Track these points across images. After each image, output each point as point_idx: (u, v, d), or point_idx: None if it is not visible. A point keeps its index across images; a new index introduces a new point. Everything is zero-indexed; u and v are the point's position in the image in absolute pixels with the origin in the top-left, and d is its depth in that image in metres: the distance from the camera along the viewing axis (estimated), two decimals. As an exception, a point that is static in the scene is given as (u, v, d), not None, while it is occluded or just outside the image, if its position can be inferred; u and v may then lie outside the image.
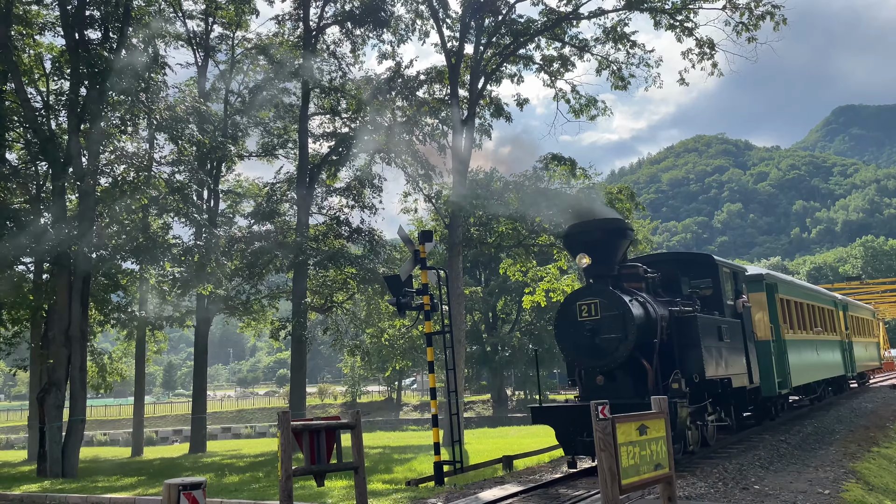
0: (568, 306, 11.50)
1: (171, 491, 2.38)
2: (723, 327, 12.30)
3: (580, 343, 11.11)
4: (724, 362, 12.06)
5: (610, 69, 25.47)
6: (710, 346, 11.54)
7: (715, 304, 13.21)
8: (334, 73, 26.00)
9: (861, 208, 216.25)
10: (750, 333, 14.30)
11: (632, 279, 11.92)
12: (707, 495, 9.05)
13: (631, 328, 10.71)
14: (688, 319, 11.49)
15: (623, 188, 26.94)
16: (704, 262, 14.05)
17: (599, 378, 11.09)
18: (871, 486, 10.50)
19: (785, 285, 18.05)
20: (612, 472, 5.53)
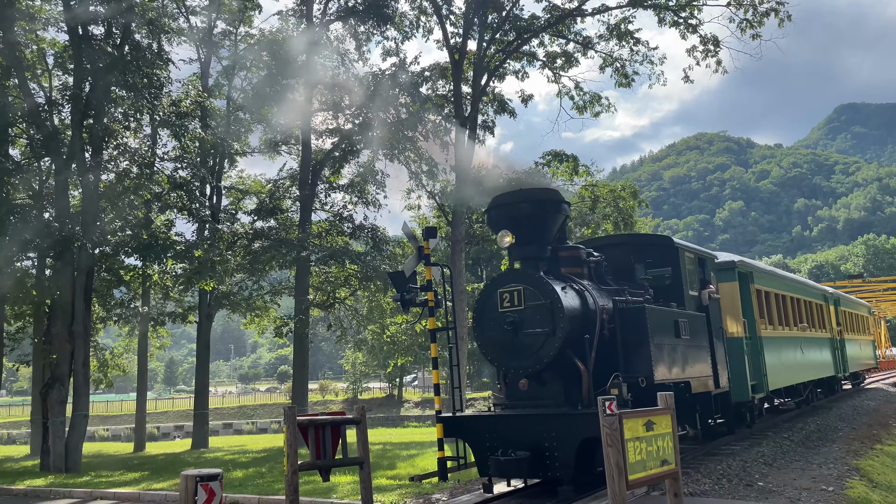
0: (488, 295, 9.49)
1: (188, 482, 2.39)
2: (681, 322, 10.37)
3: (500, 339, 9.22)
4: (682, 363, 10.25)
5: (614, 66, 25.45)
6: (663, 343, 9.71)
7: (674, 294, 11.27)
8: (338, 70, 25.99)
9: (863, 206, 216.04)
10: (718, 329, 12.40)
11: (571, 263, 10.09)
12: (711, 492, 9.07)
13: (561, 321, 8.79)
14: (634, 311, 9.59)
15: (626, 185, 26.91)
16: (662, 246, 11.98)
17: (523, 382, 9.19)
18: (874, 483, 10.52)
19: (763, 275, 16.20)
20: (619, 468, 5.54)
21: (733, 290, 13.95)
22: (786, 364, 16.22)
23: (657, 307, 10.14)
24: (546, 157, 25.54)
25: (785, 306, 17.25)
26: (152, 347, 29.98)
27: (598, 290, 9.99)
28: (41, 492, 12.82)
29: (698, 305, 11.95)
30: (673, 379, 9.87)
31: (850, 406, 20.28)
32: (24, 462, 21.04)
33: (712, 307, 12.30)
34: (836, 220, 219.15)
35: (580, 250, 10.33)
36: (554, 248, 10.07)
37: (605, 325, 9.41)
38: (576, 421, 8.39)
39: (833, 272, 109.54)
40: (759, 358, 14.36)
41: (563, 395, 9.14)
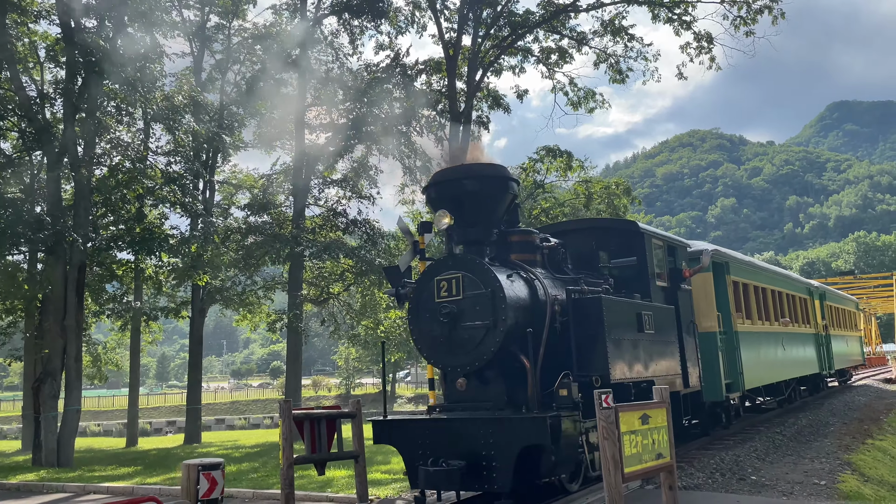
0: (424, 283, 8.48)
1: (190, 471, 2.38)
2: (644, 315, 9.40)
3: (436, 333, 8.20)
4: (645, 360, 9.30)
5: (608, 62, 25.48)
6: (622, 338, 8.79)
7: (639, 285, 10.35)
8: (332, 64, 25.91)
9: (854, 204, 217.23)
10: (688, 324, 11.38)
11: (522, 249, 9.16)
12: (705, 485, 9.11)
13: (503, 313, 7.81)
14: (589, 303, 8.57)
15: (620, 182, 26.98)
16: (627, 232, 10.96)
17: (460, 381, 8.15)
18: (866, 477, 10.59)
19: (740, 266, 15.15)
20: (615, 461, 5.57)
21: (707, 282, 12.90)
22: (765, 361, 15.27)
23: (616, 298, 9.21)
24: (540, 152, 25.57)
25: (765, 300, 16.29)
26: (144, 343, 29.88)
27: (553, 278, 9.11)
28: (34, 486, 12.77)
29: (667, 297, 10.94)
30: (633, 378, 8.91)
31: (840, 402, 20.41)
32: (16, 457, 20.96)
33: (683, 299, 11.28)
34: (827, 218, 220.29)
35: (533, 235, 9.40)
36: (503, 233, 9.15)
37: (557, 317, 8.38)
38: (514, 426, 7.33)
39: (824, 269, 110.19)
40: (734, 354, 13.35)
41: (507, 397, 8.12)
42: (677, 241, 12.13)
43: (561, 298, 8.60)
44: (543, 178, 26.48)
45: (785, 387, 17.39)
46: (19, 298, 22.28)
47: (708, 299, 12.85)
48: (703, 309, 12.57)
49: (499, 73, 26.34)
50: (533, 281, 8.61)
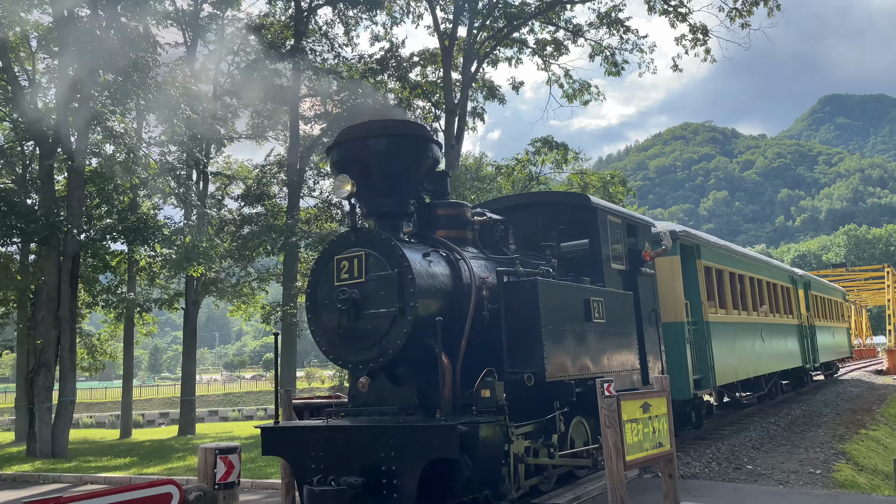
0: (323, 264, 7.24)
1: (207, 454, 2.39)
2: (594, 301, 8.17)
3: (334, 323, 6.96)
4: (594, 353, 8.08)
5: (603, 54, 25.46)
6: (564, 328, 7.56)
7: (589, 268, 9.07)
8: (326, 55, 25.80)
9: (845, 197, 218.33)
10: (650, 313, 10.08)
11: (449, 225, 7.95)
12: (702, 474, 9.18)
13: (413, 298, 6.61)
14: (522, 287, 7.35)
15: (615, 174, 27.00)
16: (577, 207, 9.67)
17: (362, 381, 6.96)
18: (860, 466, 10.69)
19: (713, 250, 13.82)
20: (616, 448, 5.59)
21: (673, 266, 11.57)
22: (741, 354, 14.00)
23: (556, 281, 7.94)
24: (535, 143, 25.55)
25: (742, 288, 15.08)
26: (139, 334, 29.78)
27: (486, 260, 7.95)
28: (29, 477, 12.74)
29: (626, 282, 9.71)
30: (578, 375, 7.66)
31: (833, 393, 20.58)
32: (10, 448, 20.88)
33: (644, 285, 10.02)
34: (818, 211, 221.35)
35: (463, 209, 8.21)
36: (428, 206, 8.01)
37: (486, 304, 7.18)
38: (417, 436, 6.06)
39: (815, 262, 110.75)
40: (705, 347, 12.07)
41: (418, 399, 6.83)
42: (639, 220, 10.72)
43: (491, 282, 7.35)
44: (539, 171, 26.47)
45: (765, 381, 16.25)
46: (12, 289, 22.18)
47: (675, 286, 11.52)
48: (668, 297, 11.28)
49: (495, 65, 26.29)
50: (458, 261, 7.40)
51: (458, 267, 7.38)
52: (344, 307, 6.79)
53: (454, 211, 8.13)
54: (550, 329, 7.27)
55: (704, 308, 12.33)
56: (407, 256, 6.75)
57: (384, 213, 7.49)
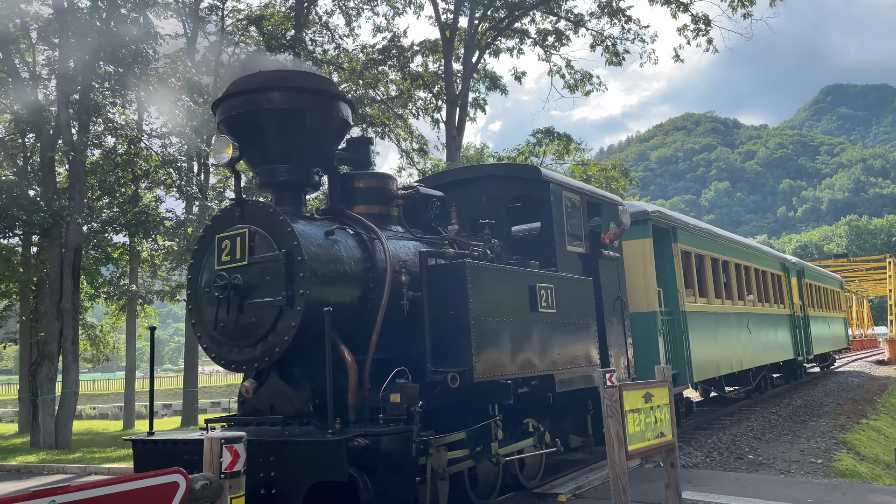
0: (207, 244, 6.16)
1: (213, 444, 2.40)
2: (541, 288, 7.07)
3: (216, 316, 5.85)
4: (540, 348, 6.99)
5: (604, 44, 25.36)
6: (500, 320, 6.49)
7: (541, 251, 7.95)
8: (327, 46, 25.72)
9: (847, 187, 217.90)
10: (614, 302, 8.97)
11: (370, 199, 6.89)
12: (703, 464, 9.21)
13: (303, 284, 5.53)
14: (448, 271, 6.23)
15: (617, 164, 26.95)
16: (527, 181, 8.47)
17: (246, 386, 5.95)
18: (862, 456, 10.72)
19: (692, 233, 12.51)
20: (619, 438, 5.62)
21: (644, 250, 10.54)
22: (724, 347, 12.96)
23: (491, 265, 6.74)
24: (537, 134, 25.49)
25: (727, 275, 14.07)
26: (141, 326, 29.85)
27: (413, 240, 6.94)
28: (34, 468, 12.80)
29: (585, 267, 8.63)
30: (517, 374, 6.60)
31: (834, 383, 20.61)
32: (14, 439, 20.97)
33: (606, 271, 8.91)
34: (820, 201, 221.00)
35: (387, 181, 7.10)
36: (344, 177, 6.86)
37: (407, 291, 6.06)
38: (299, 454, 5.05)
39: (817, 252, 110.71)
40: (681, 340, 11.03)
41: (313, 406, 5.73)
42: (603, 197, 9.61)
43: (410, 265, 6.20)
44: (541, 161, 26.41)
45: (753, 375, 15.28)
46: (14, 281, 22.22)
47: (646, 272, 10.45)
48: (638, 284, 10.29)
49: (496, 55, 26.20)
50: (373, 241, 6.35)
51: (372, 248, 6.30)
52: (222, 296, 5.68)
53: (375, 183, 6.97)
54: (483, 321, 6.20)
55: (681, 296, 11.23)
56: (297, 234, 5.64)
57: (282, 184, 6.30)
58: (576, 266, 8.42)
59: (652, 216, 10.79)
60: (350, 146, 7.09)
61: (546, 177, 8.32)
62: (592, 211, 9.10)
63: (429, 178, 9.75)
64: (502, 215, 8.34)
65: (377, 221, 6.67)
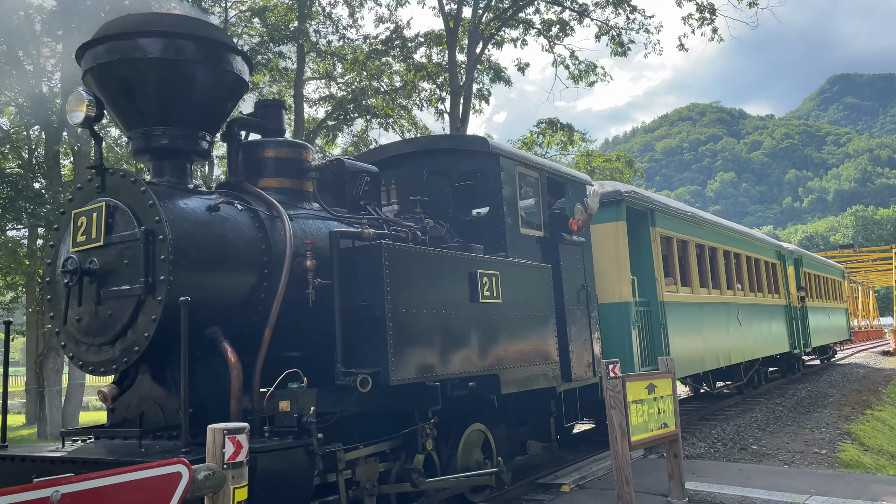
0: (64, 224, 5.20)
1: (216, 434, 2.42)
2: (484, 276, 6.20)
3: (65, 308, 4.95)
4: (481, 345, 6.09)
5: (609, 35, 25.23)
6: (428, 312, 5.57)
7: (490, 233, 7.03)
8: (330, 37, 25.68)
9: (853, 178, 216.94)
10: (577, 291, 7.99)
11: (280, 171, 5.90)
12: (707, 455, 9.23)
13: (170, 270, 4.60)
14: (360, 255, 5.36)
15: (621, 155, 26.86)
16: (473, 155, 7.38)
17: (105, 391, 4.97)
18: (866, 446, 10.73)
19: (673, 217, 11.52)
20: (621, 429, 5.63)
21: (617, 234, 9.61)
22: (710, 340, 12.01)
23: (416, 248, 5.76)
24: (541, 124, 25.41)
25: (713, 262, 13.10)
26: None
27: (329, 219, 5.89)
28: (41, 459, 12.88)
29: (544, 253, 7.67)
30: (450, 374, 5.70)
31: (839, 374, 20.58)
32: (21, 430, 21.12)
33: (569, 257, 7.96)
34: (826, 192, 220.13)
35: (301, 150, 6.10)
36: (249, 146, 5.92)
37: (312, 279, 5.11)
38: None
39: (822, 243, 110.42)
40: (660, 332, 10.15)
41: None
42: (566, 175, 8.52)
43: (324, 249, 5.33)
44: (545, 152, 26.36)
45: (744, 370, 14.43)
46: (20, 274, 22.31)
47: (618, 258, 9.51)
48: (609, 271, 9.42)
49: (500, 46, 26.10)
50: (273, 219, 5.33)
51: (271, 227, 5.29)
52: (73, 284, 4.76)
53: (286, 153, 5.98)
54: (404, 313, 5.29)
55: (659, 285, 10.28)
56: (160, 209, 4.64)
57: (161, 151, 5.27)
58: (532, 251, 7.49)
59: (626, 197, 9.84)
60: (259, 110, 6.19)
61: (495, 149, 7.29)
62: (555, 190, 8.20)
63: (365, 153, 8.68)
64: (447, 194, 7.30)
65: (288, 198, 5.77)
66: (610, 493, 6.37)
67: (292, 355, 5.35)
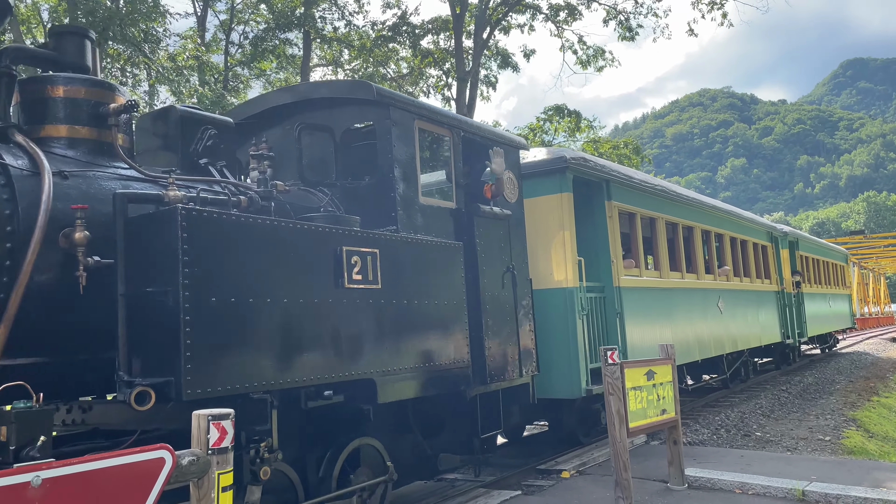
0: None
1: (200, 420, 2.44)
2: (353, 255, 4.89)
3: None
4: (349, 344, 4.85)
5: (617, 19, 25.04)
6: (259, 302, 4.31)
7: (376, 202, 5.70)
8: (337, 23, 25.60)
9: (866, 163, 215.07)
10: (501, 274, 6.61)
11: (72, 117, 4.54)
12: (710, 441, 9.23)
13: None
14: (150, 224, 4.10)
15: (629, 142, 26.72)
16: (362, 105, 6.10)
17: None
18: (871, 433, 10.69)
19: (635, 189, 9.90)
20: (619, 416, 5.63)
21: (561, 209, 8.15)
22: (683, 330, 10.50)
23: (241, 216, 4.37)
24: (547, 111, 25.29)
25: (689, 243, 11.60)
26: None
27: (130, 179, 4.53)
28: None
29: (457, 227, 6.29)
30: (297, 382, 4.44)
31: (847, 360, 20.50)
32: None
33: (489, 233, 6.54)
34: (838, 177, 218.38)
35: (104, 91, 4.67)
36: (29, 83, 4.58)
37: (82, 256, 3.92)
38: None
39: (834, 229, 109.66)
40: (615, 323, 8.79)
41: None
42: (492, 136, 7.08)
43: (102, 218, 4.11)
44: (552, 139, 26.25)
45: (726, 362, 13.12)
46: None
47: (562, 236, 8.11)
48: (548, 251, 8.13)
49: (507, 31, 25.95)
50: (31, 177, 4.03)
51: (22, 188, 3.97)
52: None
53: (82, 93, 4.58)
54: (215, 303, 4.00)
55: (615, 268, 8.85)
56: None
57: None
58: (440, 226, 6.07)
59: (571, 164, 8.28)
60: (52, 40, 4.78)
61: (384, 97, 5.80)
62: (473, 153, 6.73)
63: (239, 106, 7.26)
64: (330, 155, 5.96)
65: (83, 152, 4.48)
66: (610, 478, 6.37)
67: (53, 360, 4.04)
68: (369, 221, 5.42)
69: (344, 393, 4.85)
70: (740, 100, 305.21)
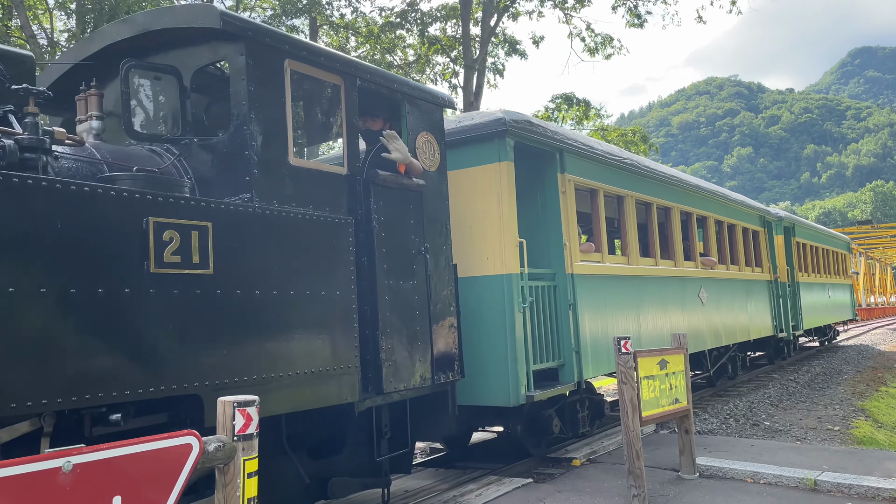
0: None
1: (226, 407, 2.44)
2: (167, 230, 3.62)
3: None
4: (158, 349, 3.56)
5: (626, 6, 24.86)
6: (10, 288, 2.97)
7: (228, 163, 4.37)
8: (344, 10, 25.48)
9: (873, 153, 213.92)
10: (412, 259, 5.46)
11: None
12: (719, 430, 9.24)
13: None
14: None
15: (637, 130, 26.60)
16: (210, 39, 4.58)
17: None
18: (880, 423, 10.70)
19: (594, 162, 8.34)
20: (632, 404, 5.64)
21: (500, 181, 6.77)
22: (654, 323, 9.19)
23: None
24: (556, 99, 25.18)
25: (664, 226, 10.42)
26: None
27: None
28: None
29: (351, 199, 5.01)
30: (73, 402, 3.18)
31: (855, 351, 20.48)
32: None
33: (391, 206, 5.31)
34: (845, 167, 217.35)
35: None
36: None
37: None
38: None
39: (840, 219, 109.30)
40: (566, 314, 7.40)
41: None
42: (402, 86, 5.73)
43: None
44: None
45: (710, 359, 12.03)
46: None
47: (500, 214, 6.77)
48: (481, 232, 6.80)
49: (515, 18, 25.79)
50: None
51: None
52: None
53: None
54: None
55: (569, 253, 7.47)
56: None
57: None
58: (322, 195, 4.80)
59: (513, 128, 6.83)
60: None
61: (232, 25, 4.42)
62: (377, 107, 5.70)
63: (74, 45, 5.89)
64: (175, 101, 4.73)
65: None
66: (621, 467, 6.39)
67: None
68: (224, 189, 4.31)
69: (167, 412, 3.79)
70: (747, 88, 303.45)
